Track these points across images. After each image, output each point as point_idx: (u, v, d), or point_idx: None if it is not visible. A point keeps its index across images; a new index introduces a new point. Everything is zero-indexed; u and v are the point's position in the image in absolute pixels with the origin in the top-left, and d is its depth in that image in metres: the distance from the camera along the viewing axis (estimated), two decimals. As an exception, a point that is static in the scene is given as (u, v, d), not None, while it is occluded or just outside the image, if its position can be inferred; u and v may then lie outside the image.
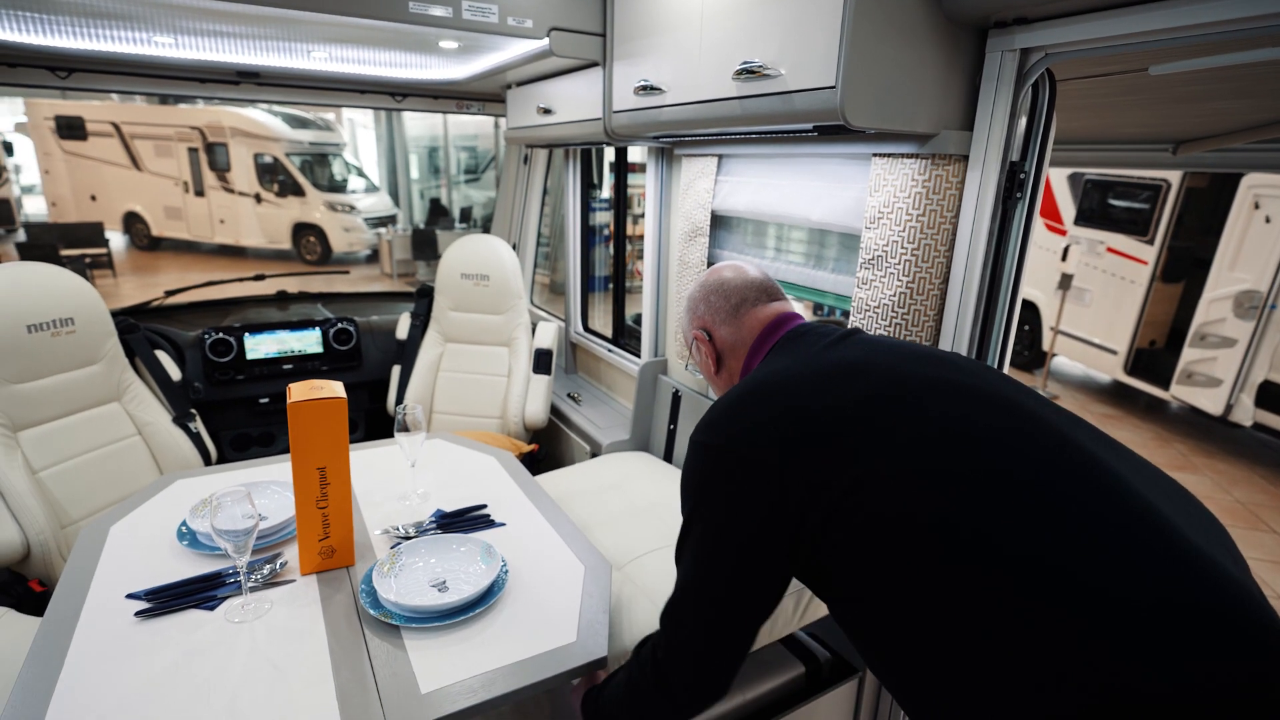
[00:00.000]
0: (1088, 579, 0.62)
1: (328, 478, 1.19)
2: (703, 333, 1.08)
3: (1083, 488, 0.68)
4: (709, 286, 1.09)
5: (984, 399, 0.79)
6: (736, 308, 1.05)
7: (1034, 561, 0.64)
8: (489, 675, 1.00)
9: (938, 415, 0.77)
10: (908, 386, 0.80)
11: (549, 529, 1.42)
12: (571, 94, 2.03)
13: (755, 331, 1.03)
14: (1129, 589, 0.60)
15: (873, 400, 0.79)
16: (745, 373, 1.03)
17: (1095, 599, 0.60)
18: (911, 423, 0.76)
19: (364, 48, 1.97)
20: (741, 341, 1.04)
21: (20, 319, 1.81)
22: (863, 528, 0.73)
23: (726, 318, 1.06)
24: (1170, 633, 0.58)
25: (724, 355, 1.07)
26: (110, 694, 0.94)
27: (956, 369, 0.84)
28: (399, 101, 2.67)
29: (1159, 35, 0.94)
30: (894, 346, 0.90)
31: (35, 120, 9.54)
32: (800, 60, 1.15)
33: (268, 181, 10.20)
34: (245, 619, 1.10)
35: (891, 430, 0.76)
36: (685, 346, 1.17)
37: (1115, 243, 5.50)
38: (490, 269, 2.59)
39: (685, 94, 1.48)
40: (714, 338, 1.07)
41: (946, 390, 0.80)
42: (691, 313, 1.11)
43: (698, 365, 1.15)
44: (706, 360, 1.10)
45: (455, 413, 2.62)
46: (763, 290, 1.06)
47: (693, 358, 1.16)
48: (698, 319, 1.09)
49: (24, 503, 1.69)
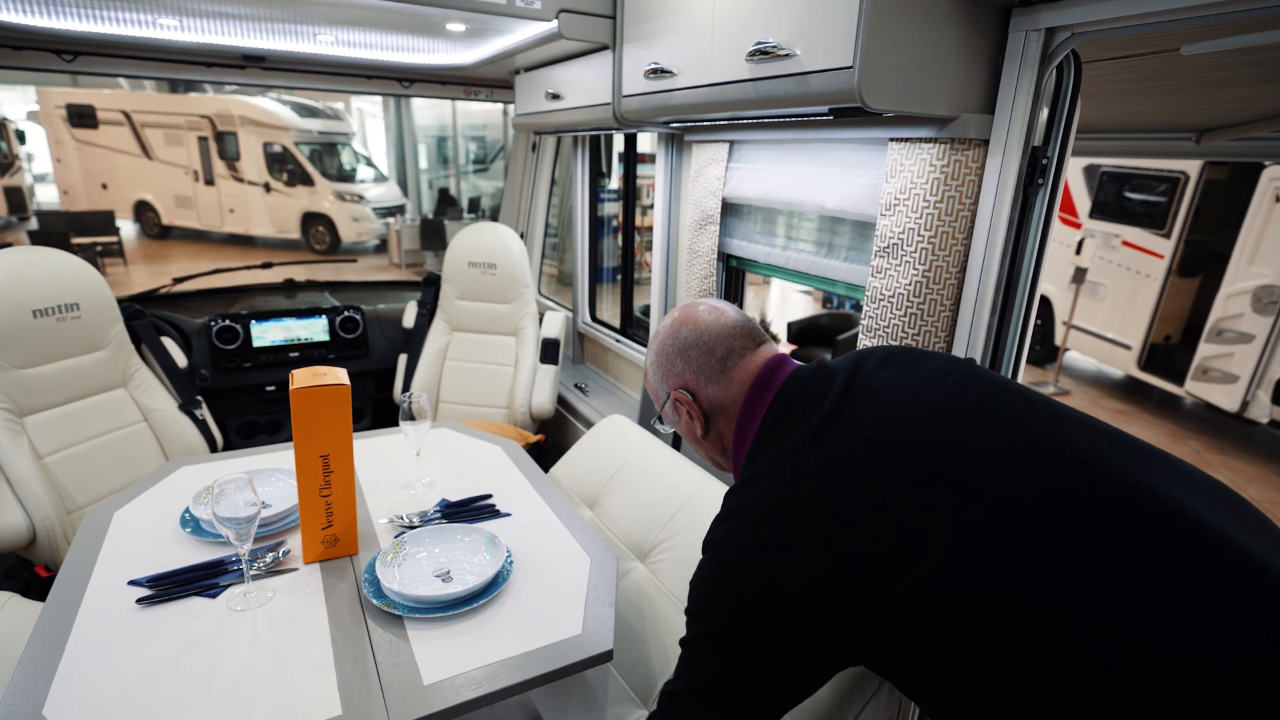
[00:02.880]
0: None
1: (331, 465, 1.17)
2: (684, 393, 0.93)
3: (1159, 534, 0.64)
4: (684, 340, 0.93)
5: (1037, 459, 0.70)
6: (723, 361, 0.91)
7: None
8: (493, 667, 0.98)
9: (994, 490, 0.68)
10: (940, 463, 0.71)
11: (555, 520, 1.40)
12: (580, 79, 2.00)
13: (745, 386, 0.90)
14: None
15: (905, 498, 0.70)
16: (740, 438, 0.90)
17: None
18: (956, 508, 0.68)
19: (370, 31, 1.95)
20: (732, 399, 0.90)
21: (25, 304, 1.80)
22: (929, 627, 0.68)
23: (714, 375, 0.91)
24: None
25: (712, 417, 0.93)
26: (111, 681, 0.93)
27: (987, 417, 0.74)
28: (406, 87, 2.65)
29: (1193, 12, 0.90)
30: (904, 400, 0.78)
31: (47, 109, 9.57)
32: (816, 40, 1.11)
33: (277, 171, 10.20)
34: (247, 607, 1.09)
35: (940, 525, 0.68)
36: (658, 406, 1.00)
37: (1131, 236, 5.42)
38: (498, 258, 2.57)
39: (697, 77, 1.44)
40: (698, 398, 0.93)
41: (995, 459, 0.70)
42: (665, 369, 0.95)
43: (675, 427, 1.02)
44: (691, 423, 0.95)
45: (462, 402, 2.61)
46: (749, 336, 0.93)
47: (669, 419, 1.01)
48: (675, 377, 0.94)
49: (30, 488, 1.69)
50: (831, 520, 0.71)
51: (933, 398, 0.78)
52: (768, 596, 0.73)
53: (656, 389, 0.99)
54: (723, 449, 0.95)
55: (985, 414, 0.75)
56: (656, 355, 0.97)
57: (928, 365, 0.84)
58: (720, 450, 0.96)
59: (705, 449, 0.98)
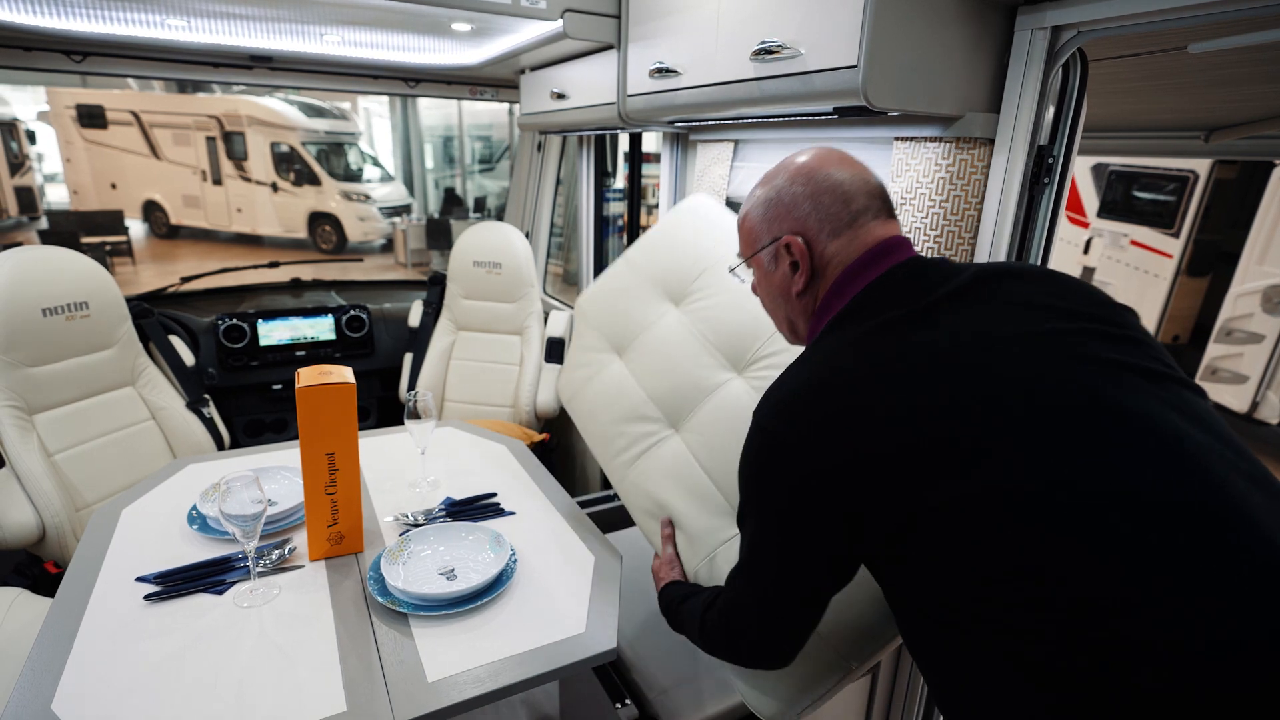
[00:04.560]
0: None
1: (336, 464, 1.18)
2: (800, 240, 0.83)
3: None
4: (821, 183, 0.83)
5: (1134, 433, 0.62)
6: (855, 217, 0.82)
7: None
8: (496, 665, 0.99)
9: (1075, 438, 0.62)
10: (1015, 395, 0.64)
11: (559, 519, 1.41)
12: (585, 78, 2.00)
13: (860, 252, 0.81)
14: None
15: (968, 414, 0.65)
16: (826, 305, 0.83)
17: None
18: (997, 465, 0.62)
19: (376, 30, 1.95)
20: (841, 262, 0.82)
21: (35, 303, 1.82)
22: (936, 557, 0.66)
23: (839, 229, 0.82)
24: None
25: (817, 275, 0.84)
26: (119, 676, 0.94)
27: (1100, 371, 0.66)
28: (412, 87, 2.65)
29: (1201, 9, 0.90)
30: (1006, 323, 0.70)
31: (57, 109, 9.63)
32: (821, 39, 1.11)
33: (284, 170, 10.25)
34: (253, 604, 1.10)
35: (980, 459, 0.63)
36: (746, 251, 0.91)
37: (1140, 235, 5.38)
38: (503, 257, 2.57)
39: (701, 76, 1.44)
40: (814, 250, 0.83)
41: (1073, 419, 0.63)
42: (783, 211, 0.85)
43: (757, 280, 0.93)
44: (791, 278, 0.85)
45: (467, 401, 2.62)
46: (884, 202, 0.84)
47: (759, 269, 0.90)
48: (794, 221, 0.84)
49: (39, 485, 1.70)
50: (883, 414, 0.68)
51: (1038, 332, 0.69)
52: (805, 476, 0.72)
53: (758, 232, 0.88)
54: (807, 316, 0.88)
55: (1098, 368, 0.66)
56: (776, 193, 0.86)
57: (1058, 303, 0.73)
58: (806, 314, 0.88)
59: (789, 310, 0.89)
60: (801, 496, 0.73)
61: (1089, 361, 0.67)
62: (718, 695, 1.41)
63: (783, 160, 0.89)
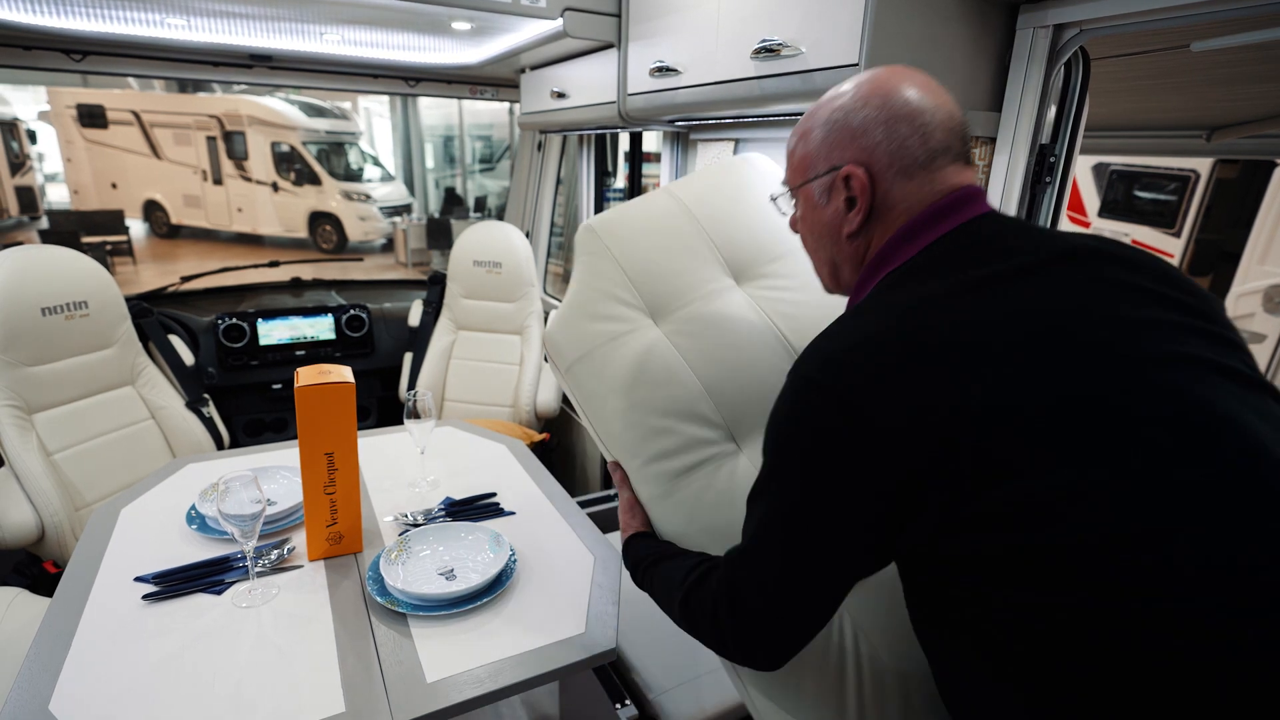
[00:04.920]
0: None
1: (336, 463, 1.18)
2: (863, 173, 0.70)
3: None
4: (898, 109, 0.69)
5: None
6: (933, 157, 0.69)
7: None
8: (496, 665, 0.98)
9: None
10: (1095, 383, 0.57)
11: (559, 518, 1.40)
12: (585, 77, 2.00)
13: (931, 199, 0.70)
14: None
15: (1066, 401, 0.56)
16: (882, 258, 0.72)
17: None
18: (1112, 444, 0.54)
19: (376, 29, 1.95)
20: (908, 207, 0.70)
21: (34, 302, 1.81)
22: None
23: (911, 166, 0.69)
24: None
25: (875, 216, 0.72)
26: (117, 676, 0.94)
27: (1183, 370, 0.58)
28: (412, 86, 2.65)
29: (1204, 8, 0.89)
30: (1093, 302, 0.61)
31: (57, 109, 9.63)
32: (822, 38, 1.11)
33: (285, 170, 10.24)
34: (252, 604, 1.10)
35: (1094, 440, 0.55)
36: (796, 180, 0.78)
37: (1141, 235, 5.37)
38: (503, 256, 2.57)
39: (702, 75, 1.44)
40: (877, 188, 0.71)
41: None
42: (847, 136, 0.71)
43: (799, 216, 0.80)
44: (844, 215, 0.73)
45: (467, 400, 2.61)
46: (965, 144, 0.72)
47: (806, 202, 0.78)
48: (858, 149, 0.70)
49: (39, 485, 1.70)
50: (967, 384, 0.58)
51: (1137, 319, 0.61)
52: (862, 435, 0.60)
53: (813, 157, 0.75)
54: (857, 262, 0.75)
55: (1197, 369, 0.59)
56: (843, 114, 0.72)
57: (1157, 288, 0.65)
58: (855, 260, 0.76)
59: (835, 253, 0.77)
60: (851, 460, 0.61)
61: (1187, 361, 0.59)
62: (718, 696, 1.40)
63: (853, 77, 0.76)
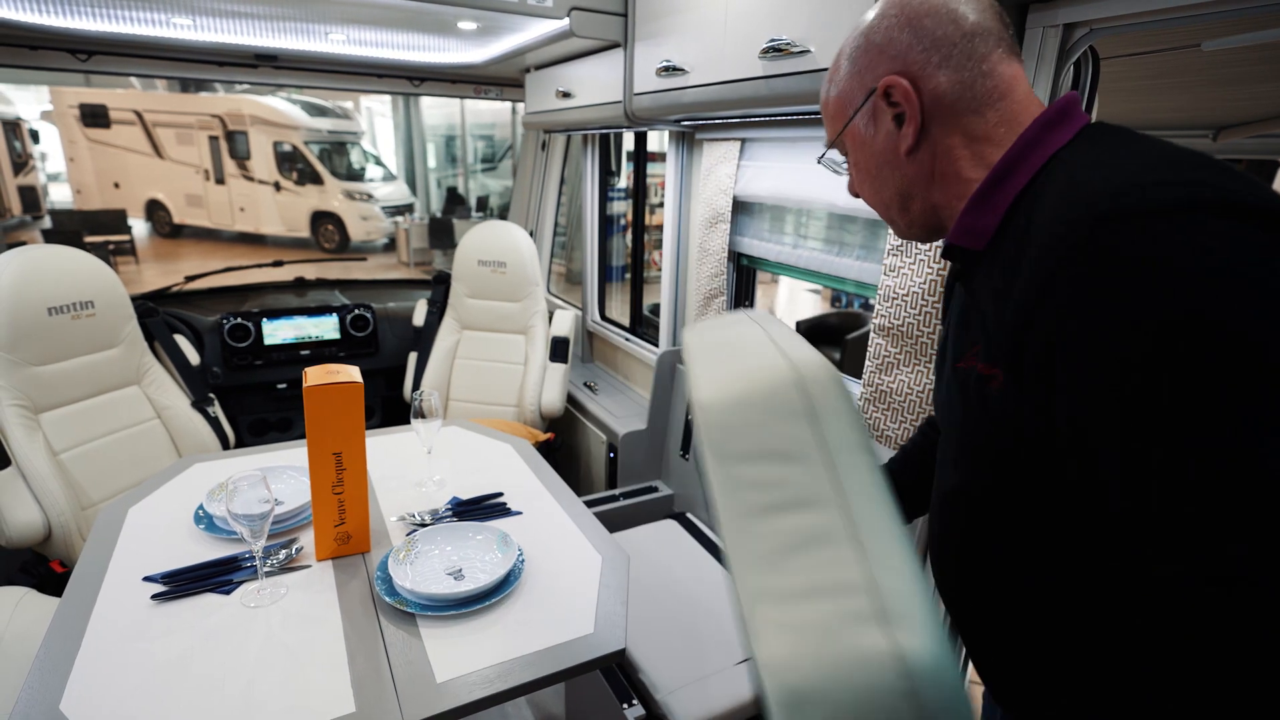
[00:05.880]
0: None
1: (344, 463, 1.18)
2: (899, 78, 0.63)
3: None
4: (912, 9, 0.63)
5: None
6: (970, 40, 0.62)
7: None
8: (505, 665, 0.98)
9: None
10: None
11: (565, 518, 1.40)
12: (591, 77, 2.00)
13: (1025, 107, 0.62)
14: None
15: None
16: (1011, 167, 0.60)
17: None
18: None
19: (382, 29, 1.95)
20: (981, 101, 0.62)
21: (41, 301, 1.82)
22: None
23: (950, 56, 0.62)
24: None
25: (933, 116, 0.64)
26: (126, 676, 0.94)
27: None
28: (417, 85, 2.65)
29: (1214, 7, 0.89)
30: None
31: (60, 108, 9.64)
32: (831, 36, 1.11)
33: (287, 170, 10.25)
34: (261, 604, 1.10)
35: None
36: (838, 126, 0.72)
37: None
38: (507, 256, 2.57)
39: (709, 74, 1.44)
40: (920, 86, 0.63)
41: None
42: (870, 53, 0.66)
43: (854, 155, 0.72)
44: (891, 135, 0.66)
45: (472, 400, 2.61)
46: (1005, 25, 0.64)
47: (854, 139, 0.71)
48: (888, 59, 0.64)
49: (45, 484, 1.70)
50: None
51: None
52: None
53: (847, 94, 0.69)
54: (926, 178, 0.67)
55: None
56: (863, 39, 0.67)
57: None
58: (923, 179, 0.67)
59: (903, 180, 0.68)
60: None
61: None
62: (726, 695, 1.40)
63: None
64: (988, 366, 0.59)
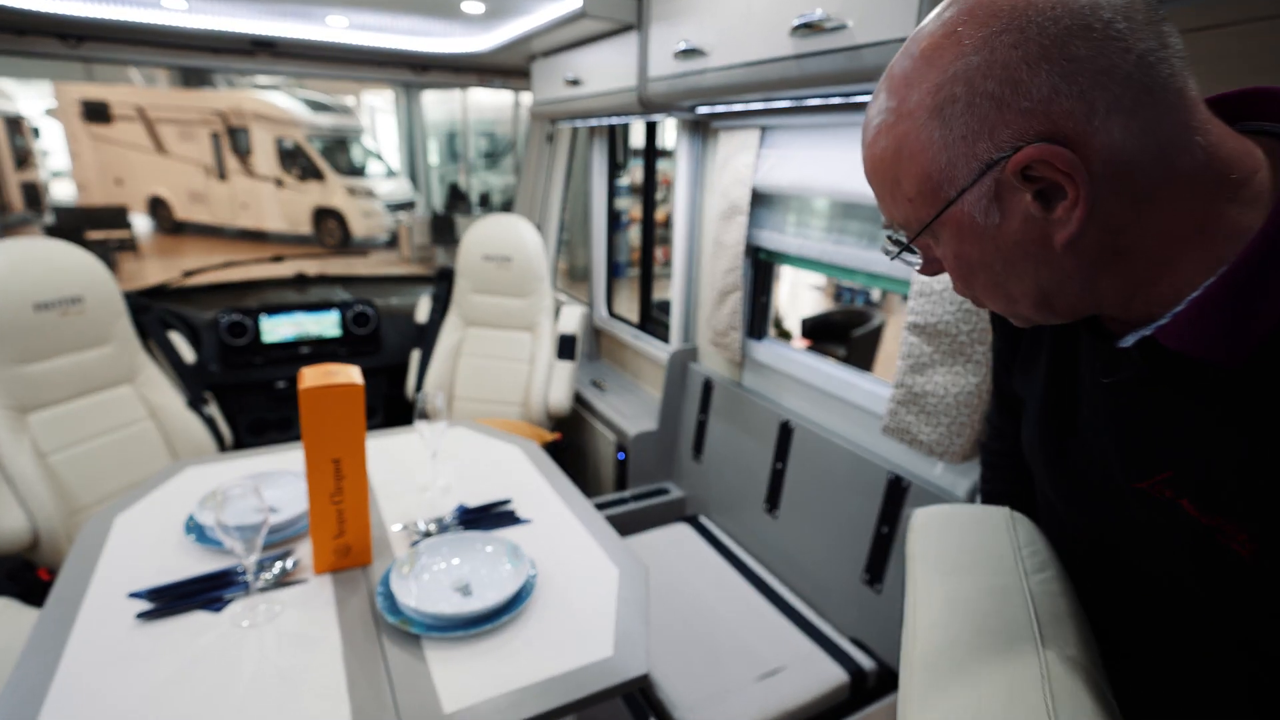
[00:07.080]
0: None
1: (343, 471, 1.09)
2: (1050, 145, 0.41)
3: None
4: (1039, 27, 0.40)
5: None
6: (1143, 65, 0.40)
7: None
8: (518, 694, 0.90)
9: None
10: None
11: (578, 526, 1.32)
12: (602, 62, 1.91)
13: (1230, 142, 0.43)
14: None
15: None
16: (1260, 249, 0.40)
17: None
18: None
19: (382, 14, 1.87)
20: (1178, 146, 0.41)
21: (27, 297, 1.74)
22: None
23: (1124, 96, 0.40)
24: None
25: (1107, 184, 0.42)
26: (108, 703, 0.86)
27: None
28: (419, 75, 2.57)
29: None
30: None
31: (63, 105, 9.60)
32: (871, 8, 1.02)
33: (289, 166, 10.19)
34: (254, 623, 1.02)
35: None
36: (921, 216, 0.49)
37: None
38: (513, 250, 2.49)
39: (732, 55, 1.35)
40: (1086, 148, 0.41)
41: None
42: (972, 114, 0.43)
43: (941, 252, 0.51)
44: (1031, 221, 0.44)
45: (477, 399, 2.53)
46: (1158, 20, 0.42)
47: (968, 225, 0.47)
48: (1019, 114, 0.42)
49: (32, 488, 1.62)
50: None
51: None
52: None
53: (940, 170, 0.46)
54: (1088, 270, 0.45)
55: None
56: (962, 88, 0.43)
57: None
58: (1084, 273, 0.46)
59: (1045, 278, 0.47)
60: None
61: None
62: (747, 712, 1.33)
63: (908, 43, 0.47)
64: (1208, 516, 0.45)
